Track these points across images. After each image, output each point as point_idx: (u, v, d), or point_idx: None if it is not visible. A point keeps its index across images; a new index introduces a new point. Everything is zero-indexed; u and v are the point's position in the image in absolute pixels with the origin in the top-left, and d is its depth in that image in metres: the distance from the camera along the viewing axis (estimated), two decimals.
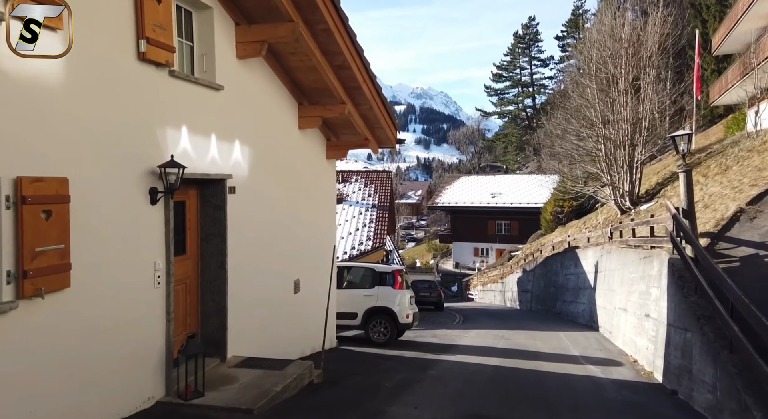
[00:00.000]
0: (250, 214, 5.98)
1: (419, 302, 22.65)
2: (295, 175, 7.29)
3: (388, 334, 9.25)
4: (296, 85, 6.99)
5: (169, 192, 4.38)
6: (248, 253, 5.93)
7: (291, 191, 7.15)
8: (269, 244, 6.47)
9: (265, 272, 6.34)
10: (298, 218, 7.41)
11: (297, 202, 7.36)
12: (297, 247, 7.25)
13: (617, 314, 10.74)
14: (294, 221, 7.25)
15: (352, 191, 19.45)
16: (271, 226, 6.53)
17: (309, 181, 7.81)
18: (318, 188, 8.20)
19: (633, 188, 18.68)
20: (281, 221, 6.84)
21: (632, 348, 8.91)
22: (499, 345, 10.24)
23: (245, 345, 5.74)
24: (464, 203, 41.75)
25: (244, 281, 5.81)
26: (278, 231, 6.73)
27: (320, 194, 8.28)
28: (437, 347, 9.64)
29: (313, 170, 7.99)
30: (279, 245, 6.73)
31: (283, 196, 6.92)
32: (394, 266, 10.01)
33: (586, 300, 15.40)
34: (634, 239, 10.92)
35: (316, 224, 8.02)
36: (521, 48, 64.45)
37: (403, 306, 9.37)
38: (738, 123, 20.96)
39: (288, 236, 7.03)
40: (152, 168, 4.31)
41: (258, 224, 6.19)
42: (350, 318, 9.36)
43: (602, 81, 18.60)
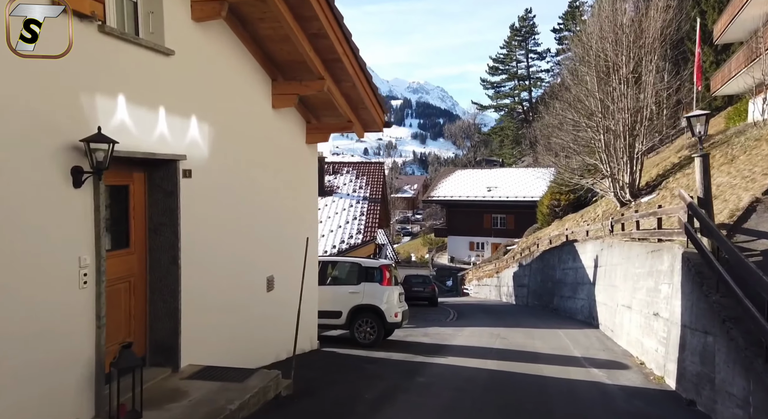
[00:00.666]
0: (212, 202, 5.22)
1: (412, 298, 22.14)
2: (268, 159, 6.53)
3: (375, 334, 8.54)
4: (269, 59, 6.20)
5: (97, 173, 3.61)
6: (210, 247, 5.18)
7: (264, 178, 6.38)
8: (236, 237, 5.72)
9: (232, 268, 5.60)
10: (273, 207, 6.65)
11: (271, 190, 6.60)
12: (271, 240, 6.50)
13: (620, 311, 10.09)
14: (268, 211, 6.49)
15: (342, 183, 18.69)
16: (238, 216, 5.78)
17: (286, 166, 7.05)
18: (297, 175, 7.43)
19: (633, 179, 18.03)
20: (252, 211, 6.08)
21: (638, 349, 8.26)
22: (496, 345, 9.57)
23: (205, 351, 5.01)
24: (459, 196, 41.07)
25: (204, 278, 5.06)
26: (248, 222, 5.98)
27: (300, 181, 7.51)
28: (428, 348, 8.95)
29: (291, 154, 7.23)
30: (249, 238, 5.98)
31: (255, 183, 6.16)
32: (381, 261, 9.27)
33: (585, 296, 14.77)
34: (639, 232, 10.25)
35: (294, 215, 7.26)
36: (518, 40, 63.59)
37: (392, 304, 8.65)
38: (740, 114, 20.34)
39: (260, 227, 6.28)
40: (75, 143, 3.54)
41: (222, 214, 5.44)
42: (334, 317, 8.63)
43: (602, 69, 17.88)
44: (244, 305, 5.85)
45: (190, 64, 4.82)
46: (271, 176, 6.59)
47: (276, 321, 6.45)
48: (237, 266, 5.72)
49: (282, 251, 6.73)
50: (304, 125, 7.46)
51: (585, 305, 14.61)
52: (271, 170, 6.58)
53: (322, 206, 17.04)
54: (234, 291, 5.63)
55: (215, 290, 5.24)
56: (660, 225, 8.74)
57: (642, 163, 18.29)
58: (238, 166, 5.79)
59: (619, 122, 17.61)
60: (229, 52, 5.57)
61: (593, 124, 18.52)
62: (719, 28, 21.49)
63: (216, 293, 5.26)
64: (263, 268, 6.34)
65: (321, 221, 16.05)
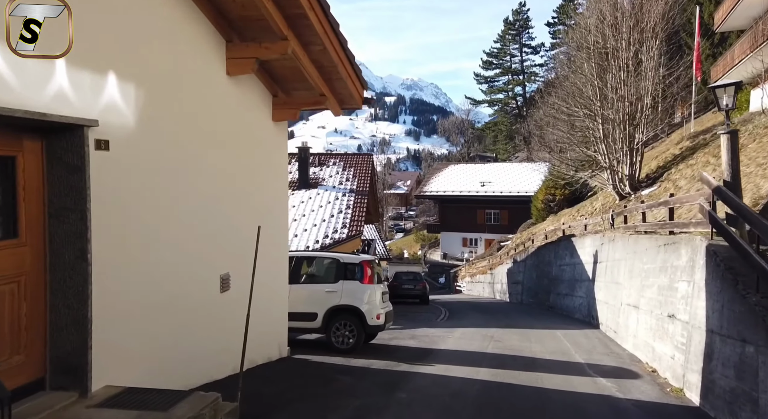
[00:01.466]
0: (141, 184, 4.23)
1: (402, 296, 21.24)
2: (223, 137, 5.53)
3: (354, 339, 7.58)
4: (222, 16, 5.20)
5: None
6: (140, 238, 4.19)
7: (218, 159, 5.38)
8: (179, 227, 4.74)
9: (171, 264, 4.61)
10: (231, 194, 5.66)
11: (228, 174, 5.60)
12: (228, 232, 5.51)
13: (625, 311, 9.23)
14: (223, 198, 5.50)
15: (328, 175, 17.68)
16: (182, 203, 4.79)
17: (247, 147, 6.04)
18: (262, 157, 6.43)
19: (633, 171, 17.20)
20: (201, 197, 5.09)
21: (648, 354, 7.39)
22: (489, 349, 8.66)
23: (130, 368, 4.03)
24: (453, 191, 40.21)
25: (130, 277, 4.08)
26: (195, 211, 4.99)
27: (265, 165, 6.52)
28: (414, 353, 8.01)
29: (254, 133, 6.23)
30: (197, 230, 5.00)
31: (206, 164, 5.16)
32: (362, 256, 8.30)
33: (583, 294, 13.94)
34: (645, 225, 9.37)
35: (258, 202, 6.27)
36: (512, 34, 62.71)
37: (373, 305, 7.70)
38: (740, 105, 19.59)
39: (213, 217, 5.29)
40: None
41: (158, 200, 4.45)
42: (308, 319, 7.67)
43: (600, 55, 17.00)
44: (188, 309, 4.86)
45: (104, 3, 3.81)
46: (227, 157, 5.59)
47: (234, 326, 5.45)
48: (179, 263, 4.74)
49: (240, 244, 5.72)
50: (270, 99, 6.46)
51: (583, 304, 13.78)
52: (226, 149, 5.57)
53: (306, 199, 16.06)
54: (174, 292, 4.65)
55: (146, 291, 4.26)
56: (672, 216, 7.86)
57: (642, 154, 17.48)
58: (182, 142, 4.79)
59: (618, 111, 16.77)
60: (171, 1, 4.56)
61: (591, 113, 17.66)
62: (720, 15, 20.72)
63: (147, 296, 4.27)
64: (216, 265, 5.35)
65: (304, 215, 15.07)
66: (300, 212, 15.22)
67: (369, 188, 19.64)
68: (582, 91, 17.91)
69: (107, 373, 3.76)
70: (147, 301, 4.26)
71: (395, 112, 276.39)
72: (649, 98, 16.39)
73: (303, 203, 15.75)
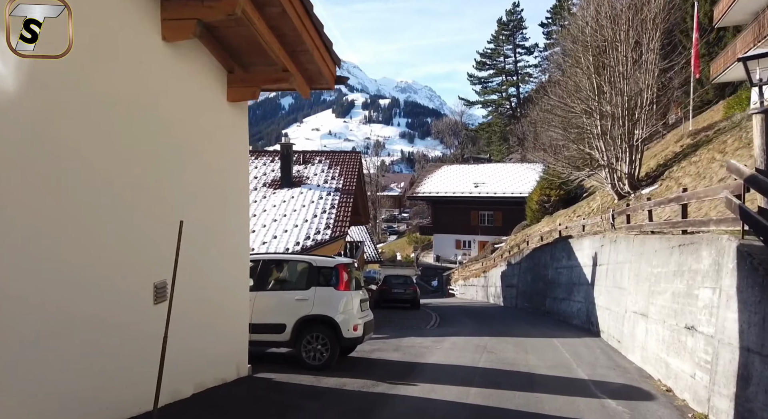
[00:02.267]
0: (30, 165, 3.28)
1: (392, 300, 20.22)
2: (161, 116, 4.59)
3: (328, 353, 6.63)
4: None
5: None
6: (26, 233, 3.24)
7: (149, 144, 4.44)
8: (95, 222, 3.79)
9: (80, 269, 3.66)
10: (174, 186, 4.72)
11: (170, 160, 4.66)
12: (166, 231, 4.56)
13: (631, 319, 8.36)
14: (162, 191, 4.56)
15: (313, 174, 16.73)
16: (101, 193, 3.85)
17: (192, 129, 5.10)
18: (215, 144, 5.49)
19: (633, 169, 16.41)
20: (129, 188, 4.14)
21: (660, 370, 6.51)
22: (481, 363, 7.75)
23: (13, 406, 3.07)
24: (446, 192, 39.39)
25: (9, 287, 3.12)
26: (119, 204, 4.04)
27: (218, 152, 5.57)
28: (396, 369, 7.08)
29: (204, 113, 5.29)
30: (121, 227, 4.05)
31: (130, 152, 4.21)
32: (338, 259, 7.33)
33: (581, 298, 13.09)
34: (652, 224, 8.53)
35: (210, 197, 5.33)
36: (505, 35, 62.23)
37: (350, 314, 6.76)
38: (740, 102, 18.94)
39: (144, 213, 4.35)
40: None
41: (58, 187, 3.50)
42: (275, 331, 6.71)
43: (598, 48, 16.22)
44: (107, 327, 3.91)
45: None
46: (167, 139, 4.66)
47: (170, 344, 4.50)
48: (93, 267, 3.79)
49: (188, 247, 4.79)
50: (225, 75, 5.53)
51: (582, 309, 12.93)
52: (165, 135, 4.64)
53: (289, 198, 15.11)
54: (84, 306, 3.69)
55: (36, 305, 3.30)
56: (686, 213, 7.01)
57: (642, 151, 16.71)
58: (101, 119, 3.85)
59: (617, 106, 15.99)
60: None
61: (589, 109, 16.87)
62: (721, 8, 20.10)
63: (39, 311, 3.32)
64: (148, 270, 4.40)
65: (285, 215, 14.12)
66: (281, 212, 14.27)
67: (357, 188, 18.74)
68: (579, 87, 17.13)
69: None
70: (35, 320, 3.29)
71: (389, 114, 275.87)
72: (649, 92, 15.63)
73: (285, 203, 14.80)
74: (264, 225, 13.55)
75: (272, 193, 15.42)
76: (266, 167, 17.25)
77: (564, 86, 18.40)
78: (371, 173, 75.22)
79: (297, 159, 17.63)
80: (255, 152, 18.89)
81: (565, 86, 18.13)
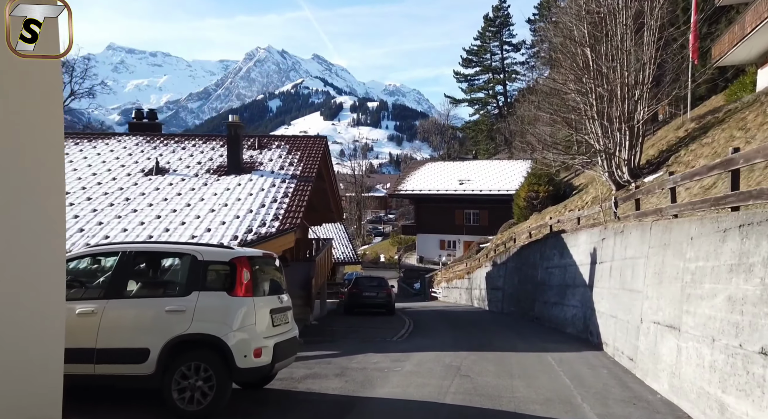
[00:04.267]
0: None
1: (364, 305, 17.81)
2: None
3: (214, 392, 4.33)
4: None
5: None
6: None
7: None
8: None
9: None
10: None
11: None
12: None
13: (651, 332, 6.24)
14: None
15: (268, 159, 14.42)
16: None
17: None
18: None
19: (633, 154, 14.45)
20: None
21: (711, 412, 4.38)
22: (449, 397, 5.53)
23: None
24: (429, 190, 37.29)
25: None
26: None
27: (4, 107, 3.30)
28: (325, 411, 4.82)
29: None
30: None
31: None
32: (236, 251, 4.90)
33: (577, 302, 10.98)
34: (677, 206, 6.46)
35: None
36: (492, 31, 60.56)
37: (251, 332, 4.49)
38: (744, 87, 17.18)
39: None
40: None
41: None
42: (132, 359, 4.37)
43: (598, 14, 14.24)
44: None
45: None
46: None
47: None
48: None
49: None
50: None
51: (578, 315, 10.83)
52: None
53: (234, 186, 12.79)
54: None
55: None
56: (737, 184, 4.91)
57: (643, 134, 14.76)
58: None
59: (617, 83, 14.03)
60: None
61: (584, 88, 14.90)
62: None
63: None
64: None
65: (226, 205, 11.80)
66: (222, 201, 11.95)
67: (325, 179, 16.48)
68: (573, 64, 15.16)
69: None
70: None
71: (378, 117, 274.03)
72: (652, 67, 13.68)
73: (228, 191, 12.48)
74: (198, 216, 11.23)
75: (215, 180, 13.09)
76: (214, 151, 14.91)
77: (556, 64, 16.42)
78: (356, 174, 73.05)
79: (252, 144, 15.31)
80: (204, 136, 16.55)
81: (559, 63, 16.12)
